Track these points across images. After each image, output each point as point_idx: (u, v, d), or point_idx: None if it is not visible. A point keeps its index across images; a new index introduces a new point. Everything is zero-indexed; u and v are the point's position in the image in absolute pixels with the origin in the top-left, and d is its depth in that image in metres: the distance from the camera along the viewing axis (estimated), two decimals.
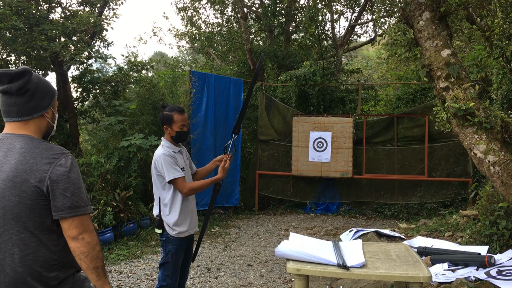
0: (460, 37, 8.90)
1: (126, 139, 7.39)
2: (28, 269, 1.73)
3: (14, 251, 1.72)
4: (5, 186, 1.71)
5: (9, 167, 1.73)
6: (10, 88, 1.77)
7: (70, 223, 1.76)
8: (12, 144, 1.78)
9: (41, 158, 1.75)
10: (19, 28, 7.24)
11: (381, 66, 17.35)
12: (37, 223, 1.74)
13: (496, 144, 4.19)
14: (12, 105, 1.80)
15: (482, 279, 3.71)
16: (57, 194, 1.73)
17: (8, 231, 1.73)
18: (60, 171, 1.75)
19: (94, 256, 1.80)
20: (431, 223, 6.18)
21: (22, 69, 1.80)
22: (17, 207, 1.71)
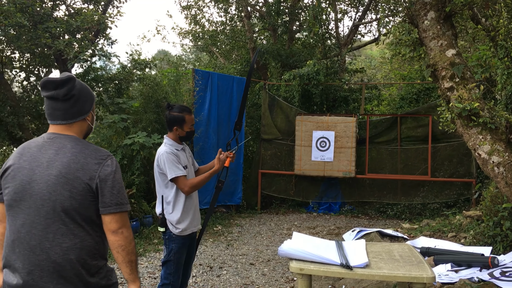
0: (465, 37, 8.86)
1: (129, 137, 7.40)
2: (76, 257, 1.88)
3: (63, 240, 1.87)
4: (57, 181, 1.87)
5: (61, 164, 1.89)
6: (57, 95, 1.94)
7: (112, 218, 1.93)
8: (62, 143, 1.94)
9: (91, 159, 1.93)
10: (24, 25, 7.25)
11: (384, 65, 17.31)
12: (84, 216, 1.90)
13: (500, 145, 4.17)
14: (58, 110, 1.97)
15: (486, 280, 3.70)
16: (105, 192, 1.91)
17: (56, 223, 1.87)
18: (108, 171, 1.93)
19: (130, 250, 1.96)
20: (434, 224, 6.17)
21: (67, 77, 1.97)
22: (67, 201, 1.87)
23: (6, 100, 8.33)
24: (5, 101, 8.33)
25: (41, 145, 1.96)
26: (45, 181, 1.88)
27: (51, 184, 1.87)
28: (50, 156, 1.91)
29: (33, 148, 1.96)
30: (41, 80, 1.98)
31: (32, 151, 1.95)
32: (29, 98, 8.95)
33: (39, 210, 1.87)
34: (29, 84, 9.13)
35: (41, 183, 1.88)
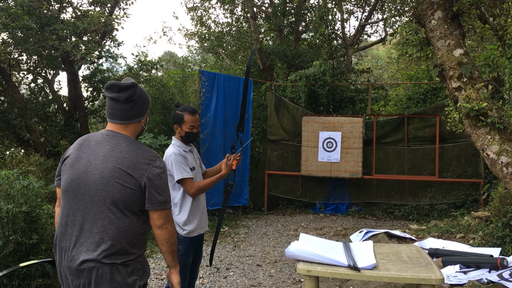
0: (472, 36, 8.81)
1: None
2: (118, 243, 2.09)
3: (109, 227, 2.09)
4: (111, 175, 2.10)
5: (115, 160, 2.12)
6: (120, 97, 2.18)
7: (159, 215, 2.16)
8: (118, 142, 2.17)
9: (142, 158, 2.15)
10: (31, 27, 7.29)
11: (391, 65, 17.24)
12: (130, 208, 2.12)
13: (509, 145, 4.13)
14: (118, 110, 2.21)
15: (495, 282, 3.67)
16: (152, 190, 2.13)
17: (106, 211, 2.10)
18: (156, 171, 2.15)
19: (173, 242, 2.25)
20: (442, 224, 6.12)
21: (131, 83, 2.20)
22: (118, 193, 2.09)
23: (14, 102, 8.37)
24: (12, 103, 8.38)
25: (99, 140, 2.20)
26: (100, 173, 2.11)
27: (105, 176, 2.10)
28: (106, 151, 2.14)
29: (92, 142, 2.21)
30: (107, 82, 2.21)
31: (91, 145, 2.20)
32: (37, 100, 9.00)
33: (93, 198, 2.10)
34: (36, 86, 9.18)
35: (96, 174, 2.11)
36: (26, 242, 4.21)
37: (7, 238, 4.17)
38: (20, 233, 4.19)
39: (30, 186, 4.30)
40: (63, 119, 9.15)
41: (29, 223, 4.26)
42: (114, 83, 2.19)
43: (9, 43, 8.03)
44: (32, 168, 7.76)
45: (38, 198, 5.13)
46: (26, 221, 4.24)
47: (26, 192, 4.28)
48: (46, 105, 9.10)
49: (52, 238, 4.64)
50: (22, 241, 4.19)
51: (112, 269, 2.09)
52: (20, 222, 4.20)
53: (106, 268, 2.08)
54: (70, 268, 2.10)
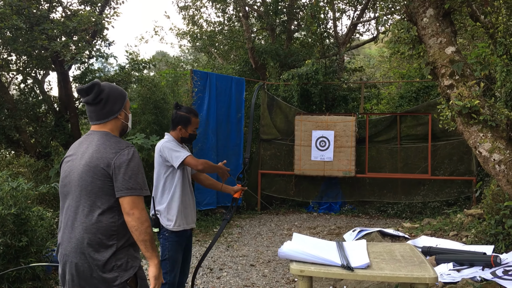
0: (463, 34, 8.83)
1: (127, 139, 7.35)
2: (92, 236, 2.15)
3: (84, 220, 2.17)
4: (83, 169, 2.20)
5: (88, 155, 2.22)
6: (87, 100, 2.27)
7: (126, 201, 2.17)
8: (93, 138, 2.29)
9: (110, 149, 2.22)
10: (20, 27, 7.20)
11: (383, 64, 17.28)
12: (104, 200, 2.18)
13: (501, 143, 4.13)
14: (92, 112, 2.31)
15: (488, 279, 3.66)
16: (119, 177, 2.17)
17: (82, 205, 2.19)
18: (122, 159, 2.19)
19: (142, 230, 2.19)
20: (435, 222, 6.13)
21: (91, 84, 2.26)
22: (90, 186, 2.17)
23: (3, 103, 8.27)
24: (2, 104, 8.28)
25: (81, 141, 2.35)
26: (77, 170, 2.23)
27: (80, 173, 2.21)
28: (83, 149, 2.27)
29: (76, 144, 2.37)
30: (76, 87, 2.36)
31: (75, 146, 2.36)
32: (27, 100, 8.90)
33: (73, 194, 2.22)
34: (26, 86, 9.08)
35: (76, 172, 2.23)
36: (16, 245, 4.15)
37: None
38: (9, 236, 4.14)
39: (19, 188, 4.24)
40: (54, 119, 9.05)
41: (18, 225, 4.21)
42: (78, 88, 2.29)
43: None
44: (22, 170, 7.68)
45: (28, 200, 5.08)
46: (15, 224, 4.19)
47: (15, 194, 4.22)
48: (36, 105, 9.00)
49: (42, 240, 4.59)
50: (12, 243, 4.14)
51: (90, 264, 2.15)
52: (9, 224, 4.15)
53: (85, 263, 2.15)
54: (64, 264, 2.21)
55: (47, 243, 4.68)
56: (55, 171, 6.90)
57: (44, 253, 4.63)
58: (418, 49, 4.67)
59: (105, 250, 2.15)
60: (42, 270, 4.51)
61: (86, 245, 2.15)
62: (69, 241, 2.19)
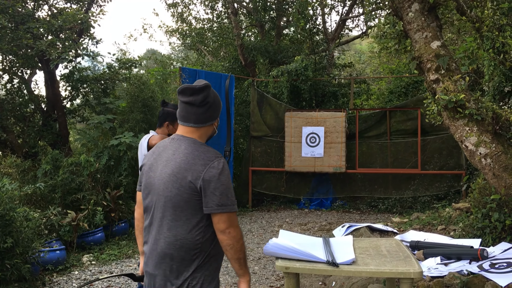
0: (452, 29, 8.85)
1: (115, 138, 7.30)
2: (175, 252, 2.04)
3: (168, 235, 2.05)
4: (169, 179, 2.05)
5: (174, 164, 2.07)
6: (195, 101, 2.11)
7: (219, 218, 2.04)
8: (179, 145, 2.13)
9: (199, 160, 2.06)
10: (4, 26, 7.11)
11: (373, 60, 17.31)
12: (190, 214, 2.05)
13: (487, 136, 4.14)
14: (192, 113, 2.14)
15: (475, 273, 3.67)
16: (208, 192, 2.02)
17: (166, 217, 2.06)
18: (212, 172, 2.04)
19: (238, 249, 2.09)
20: (424, 217, 6.15)
21: (204, 85, 2.13)
22: (175, 198, 2.04)
23: None
24: None
25: (166, 145, 2.19)
26: (162, 178, 2.09)
27: (165, 182, 2.07)
28: (168, 156, 2.12)
29: (161, 148, 2.21)
30: (180, 86, 2.16)
31: (159, 150, 2.20)
32: (13, 100, 8.80)
33: (157, 204, 2.10)
34: (13, 86, 8.98)
35: (159, 179, 2.09)
36: (0, 246, 4.10)
37: None
38: None
39: (3, 189, 4.18)
40: (41, 119, 8.97)
41: (3, 226, 4.16)
42: (188, 87, 2.13)
43: None
44: (10, 170, 7.60)
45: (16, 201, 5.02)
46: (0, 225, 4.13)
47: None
48: (23, 105, 8.91)
49: (28, 241, 4.54)
50: None
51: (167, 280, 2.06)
52: None
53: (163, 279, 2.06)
54: (148, 273, 2.14)
55: (33, 244, 4.63)
56: (43, 171, 6.83)
57: (30, 254, 4.59)
58: (405, 43, 4.67)
59: (185, 268, 2.05)
60: (29, 272, 4.46)
61: (168, 260, 2.05)
62: (151, 253, 2.11)
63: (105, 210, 6.76)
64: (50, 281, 5.09)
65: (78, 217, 6.15)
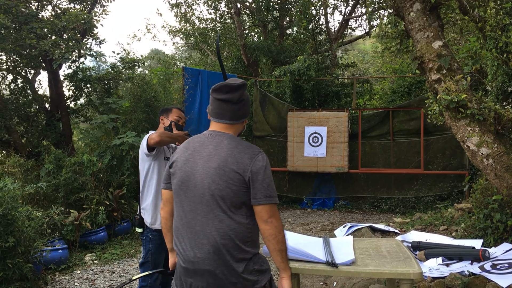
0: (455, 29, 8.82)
1: (118, 137, 7.31)
2: (230, 242, 2.07)
3: (220, 226, 2.07)
4: (216, 173, 2.08)
5: (219, 158, 2.10)
6: (232, 98, 2.16)
7: (262, 208, 2.09)
8: (220, 140, 2.16)
9: (244, 154, 2.12)
10: (8, 26, 7.14)
11: (376, 59, 17.27)
12: (238, 205, 2.09)
13: (489, 136, 4.13)
14: (228, 110, 2.19)
15: (476, 274, 3.66)
16: (256, 184, 2.09)
17: (215, 210, 2.08)
18: (259, 165, 2.12)
19: (280, 239, 2.14)
20: (426, 217, 6.13)
21: (242, 83, 2.18)
22: (224, 190, 2.07)
23: None
24: None
25: (203, 141, 2.20)
26: (206, 172, 2.10)
27: (211, 176, 2.09)
28: (210, 151, 2.14)
29: (196, 143, 2.21)
30: (217, 84, 2.17)
31: (195, 146, 2.20)
32: (17, 100, 8.83)
33: (201, 198, 2.10)
34: (16, 86, 9.01)
35: (203, 174, 2.10)
36: (2, 246, 4.11)
37: None
38: None
39: (5, 188, 4.20)
40: (45, 119, 9.00)
41: (4, 225, 4.17)
42: (225, 84, 2.16)
43: None
44: (13, 170, 7.63)
45: (19, 200, 5.05)
46: (1, 224, 4.15)
47: (1, 195, 4.18)
48: (27, 105, 8.94)
49: (30, 240, 4.56)
50: None
51: (229, 270, 2.07)
52: None
53: (225, 270, 2.07)
54: (188, 270, 2.11)
55: (35, 243, 4.65)
56: (46, 170, 6.86)
57: (32, 254, 4.60)
58: (406, 43, 4.65)
59: (244, 256, 2.09)
60: (31, 271, 4.48)
61: (225, 252, 2.07)
62: (201, 248, 2.09)
63: (108, 210, 6.79)
64: (52, 280, 5.11)
65: (81, 216, 6.18)
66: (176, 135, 3.37)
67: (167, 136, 3.27)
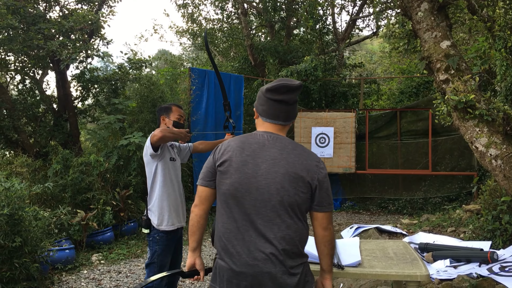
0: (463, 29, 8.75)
1: (125, 138, 7.33)
2: (295, 247, 2.05)
3: (287, 232, 2.03)
4: (284, 179, 2.03)
5: (286, 163, 2.05)
6: (289, 99, 2.11)
7: (324, 216, 2.11)
8: (284, 144, 2.11)
9: (310, 160, 2.10)
10: (15, 27, 7.18)
11: (384, 60, 17.19)
12: (301, 211, 2.08)
13: (498, 137, 4.08)
14: (283, 112, 2.13)
15: (484, 276, 3.62)
16: (322, 192, 2.09)
17: (282, 216, 2.04)
18: (323, 173, 2.12)
19: (333, 245, 2.20)
20: (434, 218, 6.08)
21: (300, 84, 2.12)
22: (293, 197, 2.03)
23: (2, 103, 8.28)
24: (0, 104, 8.29)
25: (262, 142, 2.11)
26: (272, 177, 2.03)
27: (278, 181, 2.03)
28: (274, 155, 2.07)
29: (254, 145, 2.10)
30: (274, 84, 2.09)
31: (253, 147, 2.10)
32: (25, 100, 8.89)
33: (266, 203, 2.03)
34: (24, 86, 9.07)
35: (269, 178, 2.03)
36: (9, 245, 4.13)
37: None
38: (2, 236, 4.12)
39: (12, 188, 4.22)
40: (52, 119, 9.05)
41: (12, 225, 4.19)
42: (283, 85, 2.08)
43: None
44: (21, 170, 7.68)
45: (27, 200, 5.07)
46: (8, 224, 4.17)
47: (8, 194, 4.20)
48: (35, 105, 8.99)
49: (37, 240, 4.57)
50: (5, 244, 4.12)
51: (290, 273, 2.04)
52: (3, 225, 4.13)
53: (285, 273, 2.03)
54: (244, 273, 2.02)
55: (42, 243, 4.66)
56: (53, 170, 6.89)
57: (39, 253, 4.62)
58: (414, 43, 4.61)
59: (302, 260, 2.10)
60: (37, 270, 4.50)
61: (287, 256, 2.03)
62: (262, 252, 2.02)
63: (114, 210, 6.81)
64: (59, 280, 5.13)
65: (88, 216, 6.20)
66: (179, 132, 3.35)
67: (169, 132, 3.24)
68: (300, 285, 2.06)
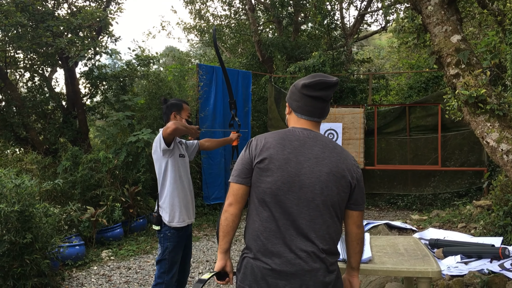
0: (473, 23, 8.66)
1: (134, 134, 7.36)
2: (333, 247, 2.07)
3: (328, 231, 2.03)
4: (328, 178, 2.01)
5: (330, 162, 2.03)
6: (326, 96, 2.07)
7: (359, 214, 2.12)
8: (325, 143, 2.08)
9: (349, 160, 2.09)
10: (24, 24, 7.22)
11: (393, 55, 17.07)
12: (341, 210, 2.07)
13: (509, 132, 4.03)
14: (319, 108, 2.09)
15: (496, 272, 3.59)
16: (358, 191, 2.09)
17: (324, 215, 2.02)
18: (360, 172, 2.11)
19: (364, 243, 2.23)
20: (444, 214, 6.04)
21: (337, 80, 2.07)
22: (335, 197, 2.02)
23: (11, 100, 8.34)
24: (10, 101, 8.35)
25: (302, 140, 2.06)
26: (317, 176, 2.00)
27: (323, 180, 2.00)
28: (317, 153, 2.04)
29: (295, 142, 2.05)
30: (311, 80, 2.04)
31: (294, 145, 2.05)
32: (34, 98, 8.95)
33: (309, 202, 2.00)
34: (34, 84, 9.12)
35: (312, 177, 2.00)
36: (20, 242, 4.16)
37: (0, 238, 4.13)
38: (13, 233, 4.15)
39: (22, 185, 4.25)
40: (62, 116, 9.10)
41: (22, 222, 4.22)
42: (320, 81, 2.03)
43: (4, 41, 7.96)
44: (31, 167, 7.73)
45: (37, 197, 5.10)
46: (19, 220, 4.20)
47: (19, 191, 4.23)
48: (44, 102, 9.05)
49: (47, 237, 4.60)
50: (16, 240, 4.15)
51: (329, 270, 2.04)
52: (13, 221, 4.16)
53: (326, 270, 2.03)
54: (285, 272, 1.99)
55: (52, 239, 4.69)
56: (63, 167, 6.93)
57: (50, 250, 4.65)
58: (424, 38, 4.57)
59: (336, 258, 2.11)
60: (48, 267, 4.53)
61: (326, 255, 2.02)
62: (304, 251, 2.00)
63: (124, 206, 6.84)
64: (69, 276, 5.17)
65: (97, 213, 6.23)
66: (190, 127, 3.37)
67: (182, 125, 3.24)
68: (337, 282, 2.08)
